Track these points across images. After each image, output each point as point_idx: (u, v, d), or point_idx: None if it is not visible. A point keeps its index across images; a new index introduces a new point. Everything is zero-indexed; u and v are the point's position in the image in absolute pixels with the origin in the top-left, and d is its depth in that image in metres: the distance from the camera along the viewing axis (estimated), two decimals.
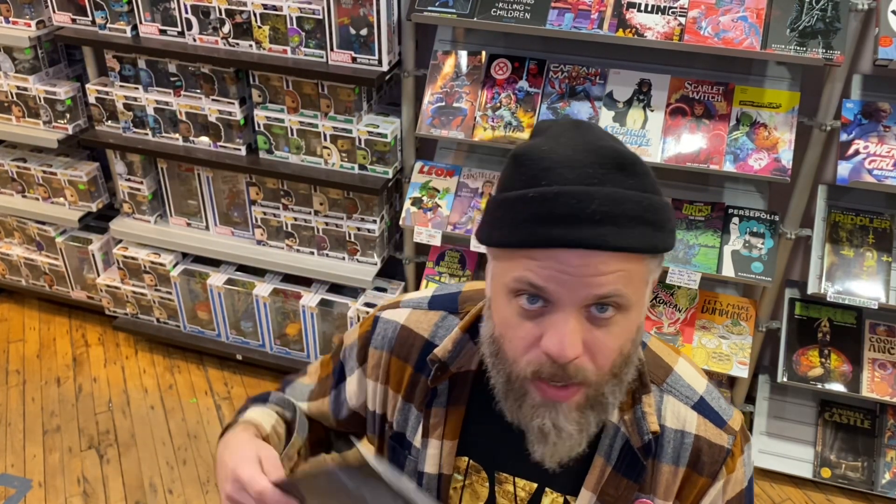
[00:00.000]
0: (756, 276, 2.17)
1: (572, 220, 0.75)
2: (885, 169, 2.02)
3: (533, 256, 0.78)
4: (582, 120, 0.87)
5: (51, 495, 2.41)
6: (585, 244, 0.75)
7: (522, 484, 0.99)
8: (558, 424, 0.83)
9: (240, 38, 2.35)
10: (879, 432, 2.44)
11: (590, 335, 0.80)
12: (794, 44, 1.93)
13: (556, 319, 0.79)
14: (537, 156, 0.80)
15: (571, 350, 0.78)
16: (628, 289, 0.79)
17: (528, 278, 0.78)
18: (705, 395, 0.98)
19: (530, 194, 0.77)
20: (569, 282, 0.77)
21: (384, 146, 2.38)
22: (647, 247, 0.78)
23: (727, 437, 0.96)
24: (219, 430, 2.64)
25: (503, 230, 0.80)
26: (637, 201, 0.77)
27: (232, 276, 2.77)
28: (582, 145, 0.80)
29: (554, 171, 0.78)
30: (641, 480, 0.95)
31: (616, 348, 0.82)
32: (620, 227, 0.76)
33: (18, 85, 2.71)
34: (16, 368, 2.90)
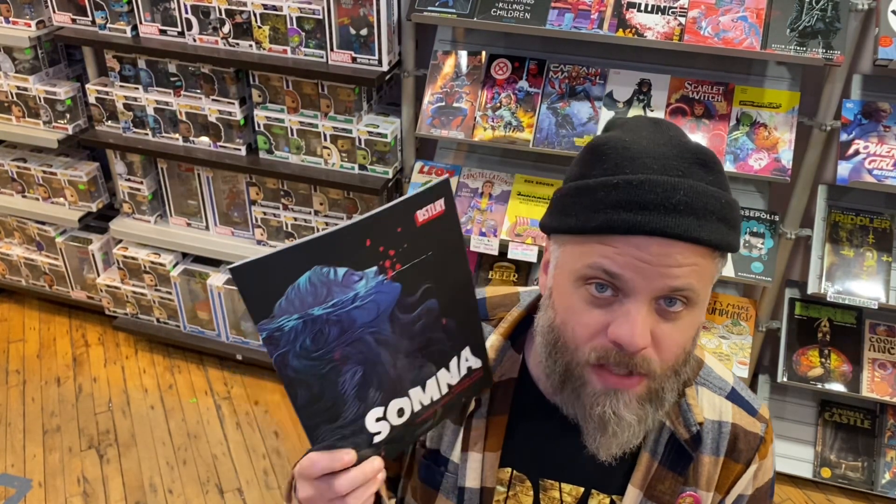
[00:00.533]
0: (756, 276, 2.17)
1: (656, 208, 0.76)
2: (885, 169, 2.02)
3: (610, 243, 0.78)
4: (660, 118, 0.88)
5: (51, 495, 2.41)
6: (668, 232, 0.76)
7: (568, 489, 0.98)
8: (619, 413, 0.82)
9: (240, 38, 2.35)
10: (879, 432, 2.44)
11: (657, 328, 0.80)
12: (794, 44, 1.93)
13: (628, 308, 0.78)
14: (621, 146, 0.80)
15: (642, 339, 0.78)
16: (700, 284, 0.79)
17: (604, 265, 0.78)
18: (735, 385, 1.00)
19: (615, 180, 0.78)
20: (646, 270, 0.77)
21: (384, 146, 2.38)
22: (723, 243, 0.79)
23: (760, 424, 0.98)
24: (219, 430, 2.65)
25: (581, 216, 0.80)
26: (716, 197, 0.78)
27: None
28: (664, 139, 0.81)
29: (638, 161, 0.78)
30: (687, 473, 0.95)
31: (681, 344, 0.82)
32: (701, 220, 0.77)
33: (18, 85, 2.71)
34: (16, 368, 2.90)
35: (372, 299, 0.75)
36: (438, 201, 0.77)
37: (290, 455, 2.56)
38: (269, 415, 2.72)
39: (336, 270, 0.72)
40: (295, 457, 2.55)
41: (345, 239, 0.72)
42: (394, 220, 0.74)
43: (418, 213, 0.76)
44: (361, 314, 0.75)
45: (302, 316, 0.72)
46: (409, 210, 0.75)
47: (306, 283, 0.71)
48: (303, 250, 0.70)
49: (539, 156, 2.37)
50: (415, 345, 0.81)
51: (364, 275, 0.74)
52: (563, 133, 2.19)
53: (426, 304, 0.80)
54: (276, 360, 0.73)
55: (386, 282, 0.76)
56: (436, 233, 0.78)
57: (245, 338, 2.83)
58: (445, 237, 0.79)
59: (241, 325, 2.83)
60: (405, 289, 0.77)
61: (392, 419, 0.82)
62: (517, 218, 2.32)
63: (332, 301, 0.73)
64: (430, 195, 0.76)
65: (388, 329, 0.77)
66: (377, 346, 0.77)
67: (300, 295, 0.71)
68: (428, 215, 0.76)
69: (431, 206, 0.76)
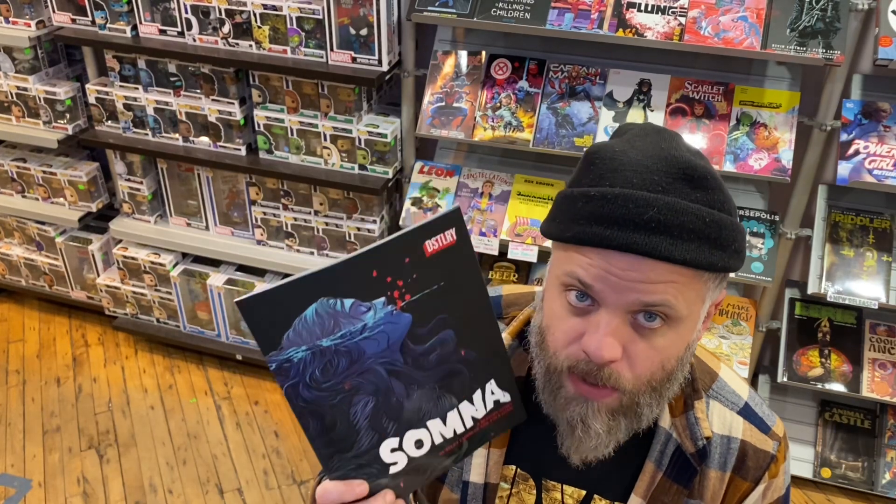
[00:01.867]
0: (756, 276, 2.17)
1: (626, 224, 0.75)
2: (885, 169, 2.02)
3: (585, 254, 0.79)
4: (666, 128, 0.87)
5: (50, 495, 2.41)
6: (635, 249, 0.75)
7: (570, 491, 0.98)
8: (586, 421, 0.83)
9: (240, 38, 2.35)
10: (879, 432, 2.44)
11: (632, 343, 0.79)
12: (794, 44, 1.93)
13: (599, 320, 0.79)
14: (608, 156, 0.80)
15: (608, 352, 0.78)
16: (678, 301, 0.78)
17: (578, 274, 0.79)
18: (749, 400, 0.98)
19: (592, 192, 0.78)
20: (616, 284, 0.77)
21: (384, 146, 2.38)
22: (703, 263, 0.77)
23: (772, 442, 0.97)
24: (219, 430, 2.64)
25: (561, 224, 0.81)
26: (698, 215, 0.76)
27: (232, 276, 2.77)
28: (654, 152, 0.79)
29: (620, 174, 0.78)
30: (691, 486, 0.95)
31: (658, 361, 0.81)
32: (675, 239, 0.75)
33: (18, 85, 2.71)
34: (16, 368, 2.90)
35: (381, 330, 0.75)
36: (449, 231, 0.75)
37: (290, 455, 2.56)
38: (269, 415, 2.72)
39: (343, 302, 0.72)
40: (295, 457, 2.55)
41: (350, 271, 0.72)
42: (400, 251, 0.73)
43: (427, 244, 0.74)
44: (371, 345, 0.75)
45: (310, 347, 0.73)
46: (417, 241, 0.74)
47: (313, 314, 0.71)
48: (308, 283, 0.70)
49: (539, 156, 2.37)
50: (431, 376, 0.79)
51: (372, 305, 0.73)
52: (563, 133, 2.19)
53: (441, 335, 0.78)
54: (287, 391, 0.74)
55: (395, 312, 0.75)
56: (447, 263, 0.76)
57: (245, 338, 2.83)
58: (458, 267, 0.77)
59: (241, 325, 2.82)
60: (416, 319, 0.76)
61: (409, 450, 0.81)
62: (517, 218, 2.32)
63: (340, 332, 0.73)
64: (439, 225, 0.74)
65: (399, 360, 0.77)
66: (389, 376, 0.77)
67: (307, 327, 0.72)
68: (437, 246, 0.75)
69: (441, 237, 0.75)
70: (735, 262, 0.80)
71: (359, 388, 0.76)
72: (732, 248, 0.79)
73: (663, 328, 0.79)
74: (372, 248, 0.72)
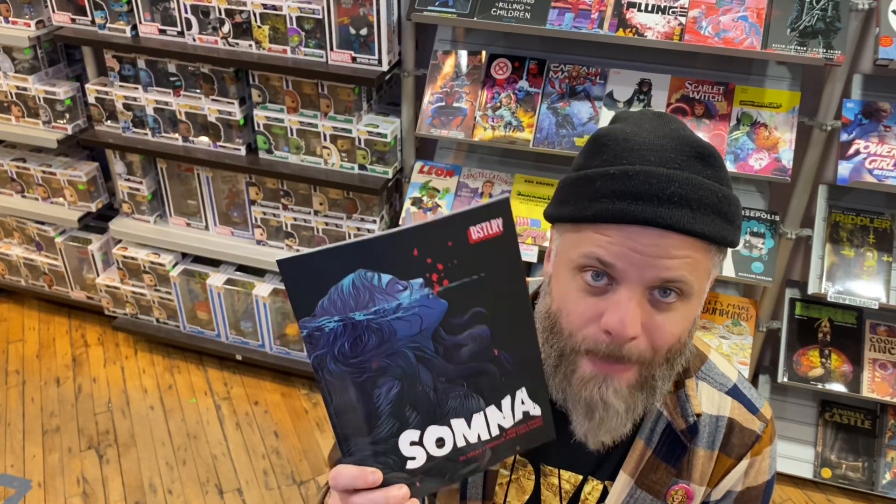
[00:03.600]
0: (756, 276, 2.16)
1: (650, 199, 0.77)
2: (886, 169, 2.02)
3: (605, 232, 0.79)
4: (664, 112, 0.89)
5: (50, 496, 2.41)
6: (661, 223, 0.76)
7: (567, 476, 0.99)
8: (606, 399, 0.83)
9: (239, 37, 2.35)
10: (880, 432, 2.44)
11: (650, 318, 0.80)
12: (794, 44, 1.93)
13: (620, 297, 0.79)
14: (621, 137, 0.81)
15: (632, 329, 0.79)
16: (693, 276, 0.80)
17: (598, 254, 0.79)
18: (738, 383, 1.00)
19: (612, 171, 0.79)
20: (638, 261, 0.78)
21: (384, 146, 2.38)
22: (718, 236, 0.79)
23: (759, 423, 0.98)
24: (219, 431, 2.64)
25: (578, 204, 0.81)
26: (713, 191, 0.79)
27: (231, 276, 2.76)
28: (664, 132, 0.82)
29: (636, 153, 0.79)
30: (680, 465, 0.96)
31: (675, 334, 0.83)
32: (695, 213, 0.77)
33: (18, 85, 2.71)
34: (15, 369, 2.90)
35: (415, 312, 0.74)
36: (496, 220, 0.73)
37: (290, 455, 2.56)
38: (269, 415, 2.71)
39: (381, 276, 0.71)
40: (295, 457, 2.55)
41: (392, 245, 0.71)
42: (445, 233, 0.72)
43: (472, 230, 0.72)
44: (403, 326, 0.74)
45: (343, 319, 0.72)
46: (462, 225, 0.72)
47: (350, 285, 0.71)
48: (350, 251, 0.70)
49: (539, 156, 2.37)
50: (460, 371, 0.78)
51: (409, 285, 0.72)
52: (563, 133, 2.19)
53: (476, 329, 0.76)
54: (314, 360, 0.73)
55: (432, 297, 0.73)
56: (491, 254, 0.74)
57: (245, 338, 2.83)
58: (502, 261, 0.75)
59: (241, 326, 2.82)
60: (452, 308, 0.74)
61: (430, 447, 0.79)
62: (517, 218, 2.32)
63: (375, 308, 0.72)
64: (486, 212, 0.73)
65: (430, 347, 0.75)
66: (417, 363, 0.75)
67: (343, 297, 0.71)
68: (482, 234, 0.73)
69: (487, 225, 0.73)
70: (738, 236, 0.84)
71: (386, 370, 0.74)
72: (736, 224, 0.83)
73: (677, 303, 0.81)
74: (416, 226, 0.71)
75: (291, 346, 2.78)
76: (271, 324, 2.74)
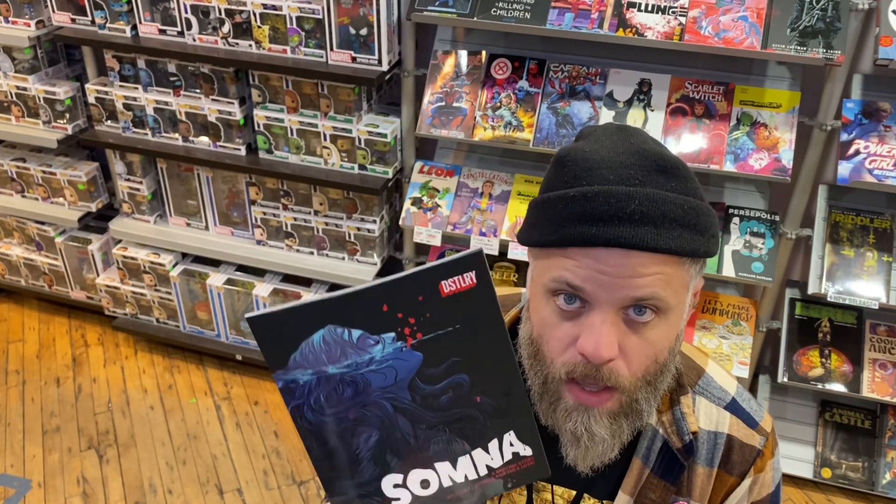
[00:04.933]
0: (756, 277, 2.16)
1: (611, 219, 0.76)
2: (886, 169, 2.01)
3: (571, 256, 0.78)
4: (627, 125, 0.88)
5: (50, 496, 2.41)
6: (623, 243, 0.75)
7: (561, 492, 0.98)
8: (590, 429, 0.83)
9: (239, 37, 2.34)
10: (880, 432, 2.44)
11: (626, 338, 0.79)
12: (794, 43, 1.93)
13: (593, 320, 0.78)
14: (580, 157, 0.80)
15: (607, 351, 0.77)
16: (667, 292, 0.78)
17: (566, 278, 0.78)
18: (737, 396, 0.98)
19: (571, 193, 0.78)
20: (606, 282, 0.77)
21: (384, 146, 2.38)
22: (687, 249, 0.78)
23: (759, 437, 0.96)
24: (219, 431, 2.64)
25: (543, 229, 0.81)
26: (677, 204, 0.77)
27: (232, 276, 2.76)
28: (624, 148, 0.80)
29: (595, 172, 0.78)
30: (678, 483, 0.95)
31: (651, 354, 0.81)
32: (659, 228, 0.76)
33: (18, 85, 2.71)
34: (15, 369, 2.90)
35: (389, 365, 0.73)
36: (468, 274, 0.71)
37: (290, 455, 2.56)
38: (269, 415, 2.71)
39: (351, 332, 0.71)
40: (295, 457, 2.55)
41: (359, 301, 0.70)
42: (413, 289, 0.71)
43: (443, 284, 0.71)
44: (377, 378, 0.74)
45: (316, 372, 0.72)
46: (432, 280, 0.71)
47: (321, 340, 0.71)
48: (317, 308, 0.70)
49: (539, 156, 2.37)
50: (441, 418, 0.77)
51: (381, 339, 0.72)
52: (563, 133, 2.19)
53: (454, 378, 0.76)
54: (292, 411, 0.74)
55: (405, 349, 0.73)
56: (465, 306, 0.72)
57: (245, 338, 2.83)
58: (477, 312, 0.73)
59: (241, 326, 2.82)
60: (427, 359, 0.74)
61: (414, 489, 0.79)
62: (517, 218, 2.32)
63: (347, 362, 0.72)
64: (458, 266, 0.71)
65: (407, 397, 0.75)
66: (395, 412, 0.75)
67: (314, 352, 0.71)
68: (454, 288, 0.72)
69: (459, 279, 0.71)
70: (713, 246, 0.82)
71: (363, 420, 0.75)
72: (710, 233, 0.81)
73: (654, 321, 0.80)
74: (384, 282, 0.70)
75: None
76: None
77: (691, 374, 0.97)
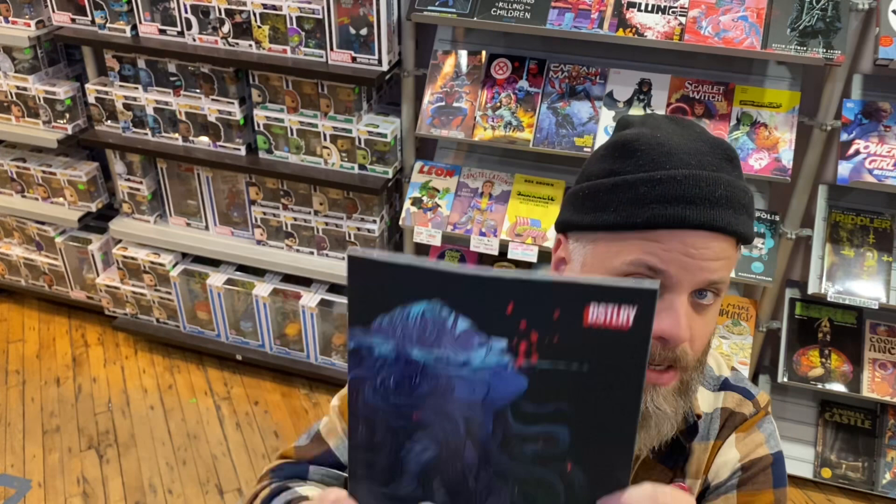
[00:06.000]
0: (756, 276, 2.16)
1: (702, 202, 0.77)
2: (886, 169, 2.01)
3: (655, 238, 0.78)
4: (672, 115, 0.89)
5: (50, 496, 2.41)
6: (714, 226, 0.77)
7: None
8: (661, 407, 0.83)
9: (239, 37, 2.34)
10: (880, 432, 2.44)
11: (693, 321, 0.81)
12: (794, 43, 1.93)
13: (672, 301, 0.79)
14: (654, 142, 0.81)
15: (686, 332, 0.79)
16: (728, 276, 0.82)
17: (647, 261, 0.78)
18: (730, 377, 1.01)
19: (658, 175, 0.78)
20: (690, 265, 0.78)
21: (384, 146, 2.38)
22: (750, 235, 0.82)
23: (752, 407, 0.99)
24: (219, 431, 2.64)
25: (622, 212, 0.79)
26: (745, 190, 0.81)
27: (231, 276, 2.76)
28: (693, 136, 0.82)
29: (675, 157, 0.79)
30: (677, 467, 0.96)
31: (708, 334, 0.84)
32: (737, 213, 0.79)
33: (18, 85, 2.71)
34: (15, 369, 2.90)
35: (484, 378, 0.60)
36: (627, 309, 0.57)
37: None
38: (269, 415, 2.71)
39: (458, 320, 0.59)
40: None
41: (484, 288, 0.58)
42: (554, 298, 0.57)
43: (590, 308, 0.57)
44: (464, 388, 0.61)
45: (398, 348, 0.60)
46: (581, 298, 0.57)
47: (419, 314, 0.59)
48: (432, 276, 0.58)
49: (539, 156, 2.37)
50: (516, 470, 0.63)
51: (488, 343, 0.59)
52: (563, 133, 2.19)
53: (552, 427, 0.61)
54: (352, 381, 0.63)
55: (511, 368, 0.59)
56: (605, 348, 0.58)
57: (245, 338, 2.83)
58: (616, 361, 0.59)
59: (241, 326, 2.82)
60: (532, 391, 0.60)
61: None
62: (517, 218, 2.32)
63: (438, 352, 0.60)
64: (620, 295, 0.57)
65: (489, 427, 0.61)
66: (466, 437, 0.62)
67: (406, 324, 0.60)
68: (602, 320, 0.57)
69: (614, 310, 0.57)
70: None
71: (427, 427, 0.62)
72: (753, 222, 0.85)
73: (712, 303, 0.82)
74: (521, 277, 0.57)
75: (291, 347, 2.78)
76: (271, 324, 2.74)
77: None
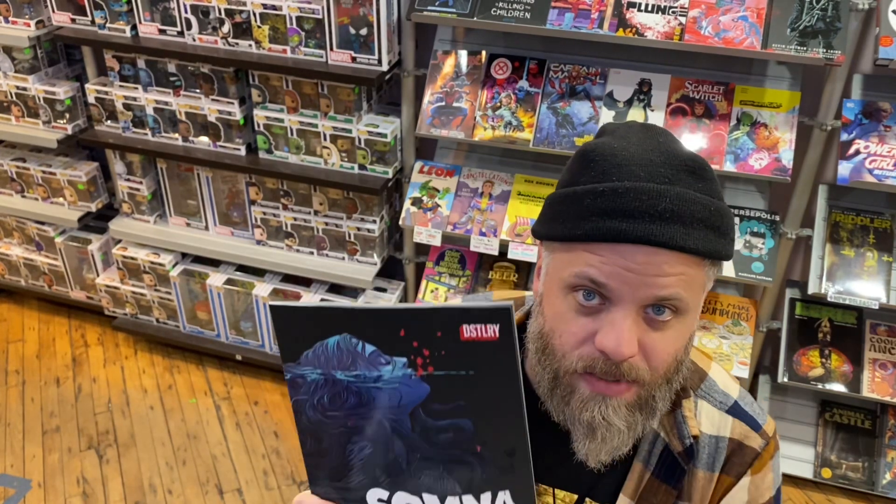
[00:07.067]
0: (756, 276, 2.16)
1: (642, 216, 0.75)
2: (886, 169, 2.01)
3: (596, 251, 0.77)
4: (652, 124, 0.88)
5: (50, 496, 2.41)
6: (653, 241, 0.75)
7: (562, 496, 0.97)
8: (608, 418, 0.82)
9: (239, 37, 2.34)
10: (880, 433, 2.44)
11: (645, 336, 0.79)
12: (794, 43, 1.93)
13: (614, 317, 0.78)
14: (609, 153, 0.80)
15: (628, 348, 0.77)
16: (687, 293, 0.78)
17: (590, 274, 0.78)
18: (739, 399, 0.97)
19: (601, 188, 0.77)
20: (631, 279, 0.76)
21: (384, 146, 2.38)
22: (711, 251, 0.78)
23: (761, 440, 0.96)
24: (218, 431, 2.64)
25: (568, 223, 0.80)
26: (704, 205, 0.77)
27: (231, 276, 2.76)
28: (653, 146, 0.80)
29: (625, 168, 0.78)
30: (680, 486, 0.94)
31: (671, 352, 0.81)
32: (688, 228, 0.76)
33: (18, 85, 2.71)
34: (15, 369, 2.90)
35: (395, 388, 0.74)
36: (492, 326, 0.69)
37: (290, 455, 2.56)
38: (269, 415, 2.71)
39: (365, 346, 0.72)
40: (295, 457, 2.55)
41: (379, 320, 0.71)
42: (435, 323, 0.70)
43: (464, 328, 0.70)
44: (382, 396, 0.74)
45: (324, 373, 0.74)
46: (455, 320, 0.70)
47: (335, 345, 0.73)
48: (337, 314, 0.71)
49: (539, 156, 2.37)
50: (437, 454, 0.76)
51: (392, 361, 0.72)
52: (563, 133, 2.19)
53: (457, 420, 0.74)
54: (295, 404, 0.76)
55: (414, 378, 0.73)
56: (482, 356, 0.71)
57: (245, 338, 2.83)
58: (493, 365, 0.71)
59: (241, 326, 2.82)
60: (434, 394, 0.73)
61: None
62: (517, 218, 2.32)
63: (355, 372, 0.73)
64: (483, 315, 0.69)
65: (407, 424, 0.75)
66: (392, 434, 0.76)
67: (326, 354, 0.73)
68: (474, 335, 0.70)
69: (482, 327, 0.70)
70: (731, 249, 0.82)
71: (361, 430, 0.76)
72: (729, 237, 0.81)
73: (672, 320, 0.80)
74: (407, 308, 0.70)
75: None
76: (271, 324, 2.73)
77: (694, 377, 0.96)
